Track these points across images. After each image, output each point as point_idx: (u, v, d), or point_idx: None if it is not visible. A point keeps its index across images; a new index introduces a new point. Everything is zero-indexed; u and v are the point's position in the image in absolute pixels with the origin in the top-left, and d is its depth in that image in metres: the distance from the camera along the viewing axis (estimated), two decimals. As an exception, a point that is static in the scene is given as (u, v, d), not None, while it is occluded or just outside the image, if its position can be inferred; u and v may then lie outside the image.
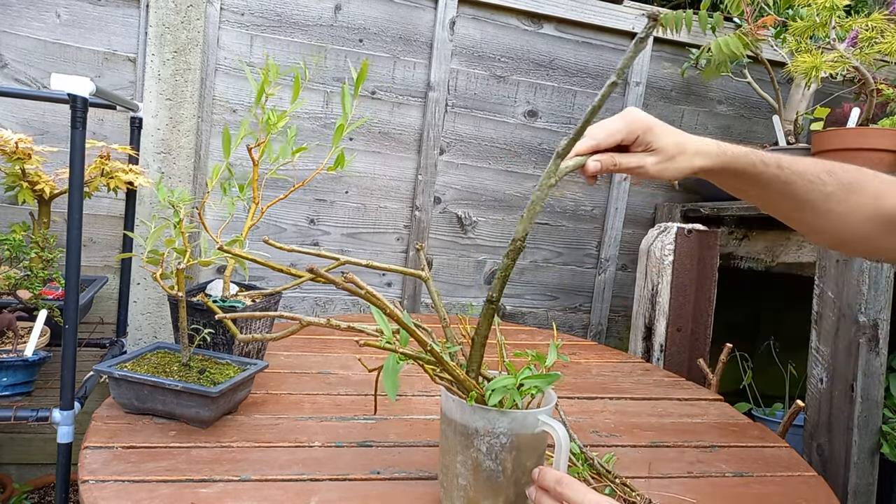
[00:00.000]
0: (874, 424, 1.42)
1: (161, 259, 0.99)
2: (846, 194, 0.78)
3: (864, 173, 0.79)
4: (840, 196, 0.78)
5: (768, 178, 0.79)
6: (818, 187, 0.78)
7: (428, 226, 2.11)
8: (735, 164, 0.80)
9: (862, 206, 0.78)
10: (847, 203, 0.78)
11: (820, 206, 0.79)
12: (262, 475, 0.84)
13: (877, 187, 0.78)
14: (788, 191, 0.79)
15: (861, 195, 0.78)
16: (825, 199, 0.78)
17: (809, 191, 0.78)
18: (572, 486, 0.66)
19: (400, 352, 0.70)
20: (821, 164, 0.79)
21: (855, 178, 0.78)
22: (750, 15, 1.90)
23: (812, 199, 0.78)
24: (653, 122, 0.79)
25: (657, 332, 1.90)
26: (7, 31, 1.71)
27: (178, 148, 1.82)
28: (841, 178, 0.78)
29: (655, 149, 0.79)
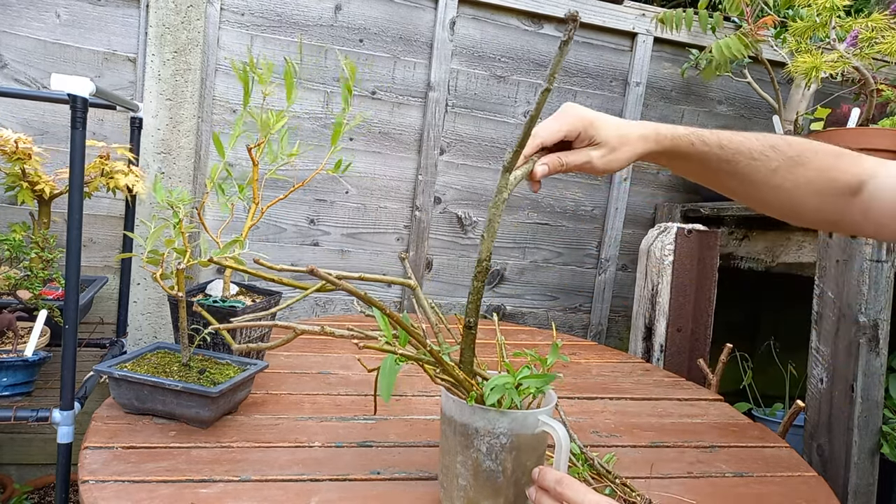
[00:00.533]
0: (874, 425, 1.42)
1: (161, 259, 0.99)
2: (792, 168, 0.78)
3: (810, 147, 0.79)
4: (786, 171, 0.78)
5: (709, 158, 0.80)
6: (763, 163, 0.78)
7: (428, 226, 2.11)
8: (676, 147, 0.80)
9: (810, 180, 0.78)
10: (794, 177, 0.78)
11: (766, 182, 0.79)
12: (262, 475, 0.84)
13: (823, 161, 0.78)
14: (732, 169, 0.79)
15: (808, 168, 0.78)
16: (771, 174, 0.78)
17: (755, 168, 0.78)
18: (572, 487, 0.66)
19: (399, 353, 0.70)
20: (765, 139, 0.79)
21: (801, 152, 0.78)
22: (750, 15, 1.90)
23: (758, 175, 0.79)
24: (593, 115, 0.79)
25: (657, 333, 1.90)
26: (7, 31, 1.71)
27: (179, 148, 1.82)
28: (786, 152, 0.78)
29: (599, 142, 0.79)
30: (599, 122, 0.79)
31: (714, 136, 0.79)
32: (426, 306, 0.85)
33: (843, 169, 0.77)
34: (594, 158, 0.80)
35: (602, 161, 0.80)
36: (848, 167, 0.78)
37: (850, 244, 1.45)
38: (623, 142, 0.79)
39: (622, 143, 0.80)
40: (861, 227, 0.80)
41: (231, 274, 1.26)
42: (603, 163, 0.80)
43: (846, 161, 0.78)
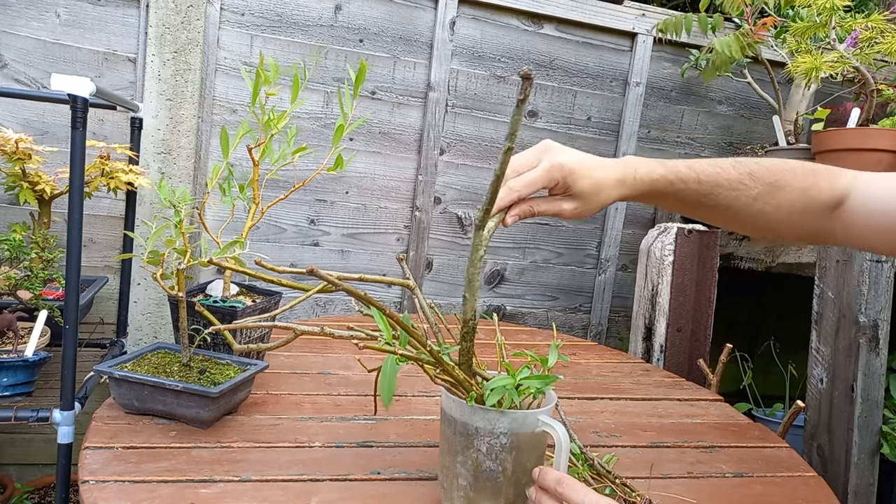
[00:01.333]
0: (874, 425, 1.42)
1: (161, 259, 0.99)
2: (773, 193, 0.78)
3: (788, 169, 0.79)
4: (767, 196, 0.78)
5: (688, 194, 0.80)
6: (743, 192, 0.78)
7: (428, 226, 2.11)
8: (653, 189, 0.80)
9: (791, 201, 0.78)
10: (775, 201, 0.78)
11: (748, 209, 0.79)
12: (263, 475, 0.84)
13: (802, 181, 0.78)
14: (712, 202, 0.79)
15: (788, 191, 0.78)
16: (752, 202, 0.78)
17: (735, 197, 0.78)
18: (572, 487, 0.66)
19: (399, 353, 0.70)
20: (741, 167, 0.79)
21: (779, 176, 0.78)
22: (750, 15, 1.90)
23: (738, 204, 0.79)
24: (574, 163, 0.78)
25: (657, 333, 1.90)
26: (7, 31, 1.71)
27: (179, 148, 1.82)
28: (764, 178, 0.78)
29: (573, 193, 0.79)
30: (579, 172, 0.78)
31: (691, 172, 0.79)
32: (425, 307, 0.85)
33: (822, 186, 0.78)
34: (565, 210, 0.80)
35: (573, 213, 0.80)
36: (827, 183, 0.78)
37: (850, 244, 1.45)
38: (597, 191, 0.79)
39: (596, 192, 0.79)
40: (847, 240, 0.80)
41: (231, 274, 1.26)
42: (573, 215, 0.81)
43: (824, 177, 0.79)
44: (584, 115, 2.19)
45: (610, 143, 2.22)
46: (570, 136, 2.18)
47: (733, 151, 2.35)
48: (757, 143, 2.30)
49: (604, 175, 0.79)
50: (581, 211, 0.80)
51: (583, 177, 0.78)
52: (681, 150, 2.32)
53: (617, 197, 0.80)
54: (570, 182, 0.78)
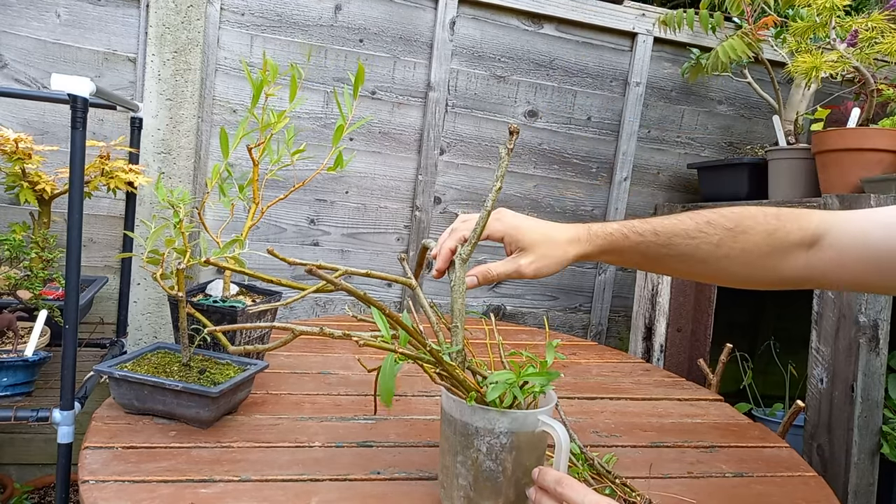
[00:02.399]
0: (874, 425, 1.42)
1: (161, 259, 0.99)
2: (735, 237, 0.77)
3: (748, 214, 0.78)
4: (730, 241, 0.77)
5: (647, 246, 0.80)
6: (704, 240, 0.78)
7: (428, 226, 2.11)
8: (611, 244, 0.81)
9: (757, 244, 0.77)
10: (740, 245, 0.77)
11: (712, 256, 0.78)
12: (263, 475, 0.84)
13: (765, 224, 0.77)
14: (673, 252, 0.79)
15: (752, 234, 0.77)
16: (715, 248, 0.78)
17: (696, 246, 0.78)
18: (572, 487, 0.66)
19: (399, 352, 0.70)
20: (698, 216, 0.79)
21: (738, 221, 0.77)
22: (750, 15, 1.90)
23: (700, 252, 0.78)
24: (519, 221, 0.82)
25: (657, 333, 1.90)
26: (7, 31, 1.71)
27: (179, 148, 1.82)
28: (724, 224, 0.77)
29: (524, 247, 0.81)
30: (524, 228, 0.81)
31: (647, 225, 0.80)
32: (426, 306, 0.85)
33: (788, 228, 0.77)
34: (522, 266, 0.81)
35: (531, 268, 0.81)
36: (794, 225, 0.77)
37: (850, 244, 1.45)
38: (552, 247, 0.81)
39: (551, 248, 0.81)
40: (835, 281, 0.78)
41: (231, 274, 1.25)
42: (532, 269, 0.81)
43: (789, 220, 0.77)
44: (584, 114, 2.19)
45: (610, 143, 2.22)
46: (570, 136, 2.18)
47: (733, 151, 2.35)
48: (757, 143, 2.30)
49: (555, 232, 0.82)
50: (539, 267, 0.81)
51: (530, 230, 0.81)
52: (681, 150, 2.32)
53: (576, 253, 0.82)
54: (519, 237, 0.81)
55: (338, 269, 0.70)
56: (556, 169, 2.19)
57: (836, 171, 1.65)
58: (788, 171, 1.84)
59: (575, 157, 2.20)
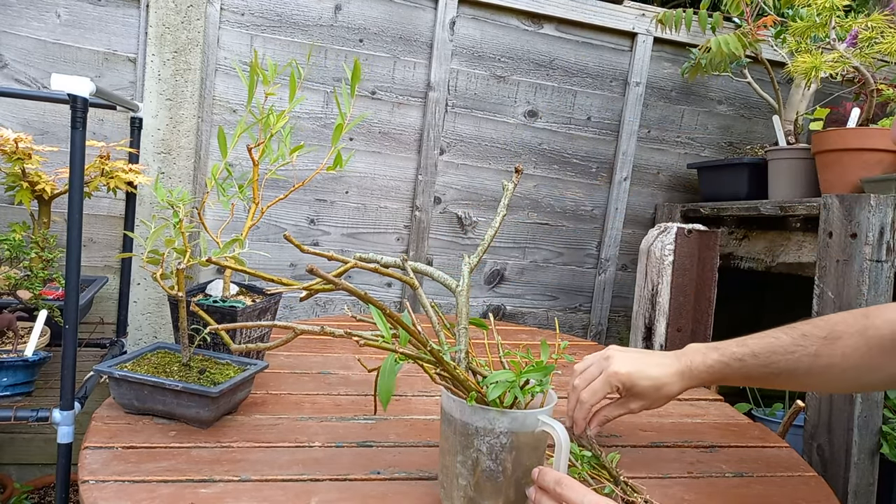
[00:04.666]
0: (874, 424, 1.42)
1: (161, 259, 0.99)
2: (831, 344, 0.79)
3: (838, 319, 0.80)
4: (828, 349, 0.79)
5: (750, 369, 0.83)
6: (802, 352, 0.79)
7: (428, 226, 2.11)
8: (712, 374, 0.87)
9: (855, 347, 0.78)
10: (839, 351, 0.78)
11: (816, 366, 0.79)
12: (262, 475, 0.84)
13: (856, 325, 0.79)
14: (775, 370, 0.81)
15: (846, 338, 0.78)
16: (815, 359, 0.79)
17: (796, 359, 0.79)
18: (572, 487, 0.66)
19: (400, 352, 0.70)
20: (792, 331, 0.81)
21: (831, 328, 0.79)
22: (750, 15, 1.90)
23: (803, 365, 0.79)
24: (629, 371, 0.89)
25: (657, 332, 1.90)
26: (7, 31, 1.71)
27: (179, 148, 1.82)
28: (817, 334, 0.79)
29: (636, 394, 0.90)
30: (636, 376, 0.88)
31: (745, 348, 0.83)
32: (427, 306, 0.85)
33: (878, 325, 0.77)
34: (634, 409, 0.91)
35: (643, 408, 0.91)
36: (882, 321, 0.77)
37: (850, 244, 1.45)
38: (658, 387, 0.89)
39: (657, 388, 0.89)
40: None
41: (231, 274, 1.25)
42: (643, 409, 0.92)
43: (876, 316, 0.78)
44: (583, 114, 2.19)
45: (610, 142, 2.22)
46: (570, 135, 2.18)
47: (733, 151, 2.35)
48: (757, 143, 2.30)
49: (661, 373, 0.89)
50: (649, 405, 0.91)
51: (641, 379, 0.89)
52: (681, 150, 2.32)
53: (680, 389, 0.89)
54: (630, 386, 0.89)
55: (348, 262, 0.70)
56: (556, 169, 2.19)
57: (836, 171, 1.65)
58: (788, 171, 1.84)
59: (575, 157, 2.20)
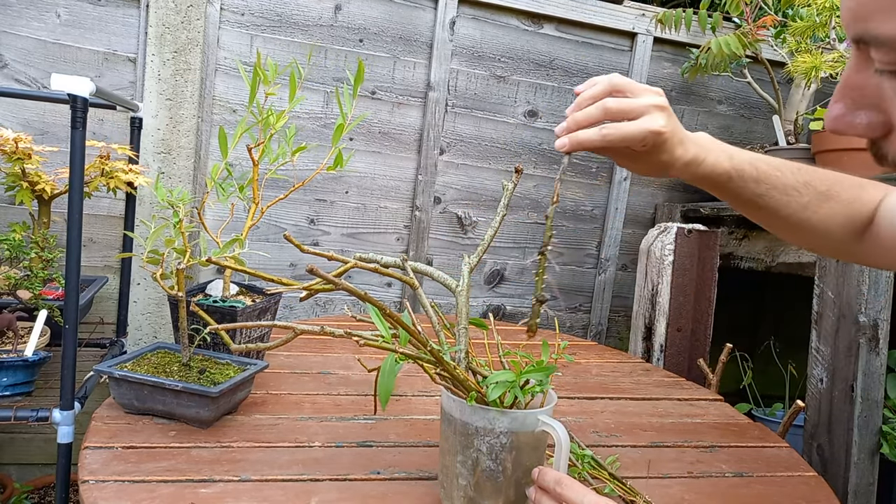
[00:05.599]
0: (874, 424, 1.42)
1: (161, 259, 0.99)
2: (822, 202, 0.78)
3: (837, 179, 0.79)
4: (816, 205, 0.77)
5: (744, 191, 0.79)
6: (795, 199, 0.77)
7: (428, 226, 2.11)
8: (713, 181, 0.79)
9: (836, 213, 0.78)
10: (821, 211, 0.78)
11: (797, 216, 0.78)
12: (262, 475, 0.84)
13: (849, 192, 0.78)
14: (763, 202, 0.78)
15: (835, 202, 0.77)
16: (802, 209, 0.78)
17: (786, 203, 0.78)
18: (572, 487, 0.66)
19: (400, 352, 0.70)
20: (800, 174, 0.78)
21: (829, 186, 0.78)
22: (749, 15, 1.90)
23: (789, 210, 0.78)
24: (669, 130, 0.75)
25: (657, 332, 1.90)
26: (7, 31, 1.71)
27: (179, 148, 1.82)
28: (817, 187, 0.78)
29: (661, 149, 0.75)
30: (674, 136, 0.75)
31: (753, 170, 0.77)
32: (427, 306, 0.85)
33: (864, 200, 0.77)
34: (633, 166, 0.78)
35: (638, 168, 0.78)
36: (868, 197, 0.77)
37: (850, 244, 1.45)
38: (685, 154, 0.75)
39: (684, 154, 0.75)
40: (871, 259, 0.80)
41: (231, 274, 1.25)
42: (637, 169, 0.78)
43: (867, 191, 0.78)
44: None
45: (610, 142, 2.22)
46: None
47: (733, 151, 2.35)
48: (757, 143, 2.30)
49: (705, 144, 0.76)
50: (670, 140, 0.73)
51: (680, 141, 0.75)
52: (681, 150, 2.32)
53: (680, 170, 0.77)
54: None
55: (348, 262, 0.70)
56: (556, 169, 2.19)
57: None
58: (788, 170, 1.83)
59: (575, 156, 2.20)
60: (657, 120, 0.71)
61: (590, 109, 0.72)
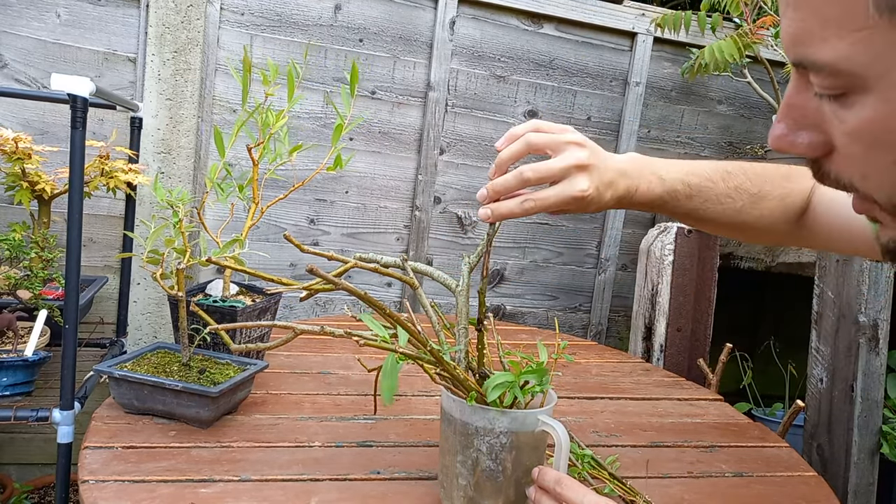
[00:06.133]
0: (874, 424, 1.42)
1: (161, 259, 0.99)
2: (756, 203, 0.79)
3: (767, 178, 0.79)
4: (750, 207, 0.79)
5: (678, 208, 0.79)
6: (729, 206, 0.78)
7: (428, 226, 2.11)
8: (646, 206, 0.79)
9: (772, 210, 0.79)
10: (758, 211, 0.79)
11: (733, 220, 0.80)
12: (262, 475, 0.84)
13: (781, 189, 0.79)
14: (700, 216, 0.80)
15: (769, 200, 0.79)
16: (737, 213, 0.79)
17: (721, 211, 0.79)
18: (572, 487, 0.66)
19: (400, 352, 0.70)
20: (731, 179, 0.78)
21: (761, 187, 0.79)
22: (749, 15, 1.90)
23: (724, 217, 0.79)
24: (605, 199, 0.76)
25: (657, 332, 1.90)
26: (7, 31, 1.71)
27: (179, 148, 1.82)
28: (749, 190, 0.78)
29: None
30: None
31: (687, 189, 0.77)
32: (427, 306, 0.85)
33: (795, 192, 0.79)
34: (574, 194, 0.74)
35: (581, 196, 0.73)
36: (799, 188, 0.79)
37: (849, 244, 1.45)
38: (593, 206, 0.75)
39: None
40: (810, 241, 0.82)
41: (231, 274, 1.25)
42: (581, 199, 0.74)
43: (795, 182, 0.79)
44: (583, 114, 2.19)
45: (610, 142, 2.22)
46: (570, 135, 2.18)
47: (733, 151, 2.35)
48: (757, 143, 2.30)
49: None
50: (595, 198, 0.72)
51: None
52: (681, 150, 2.32)
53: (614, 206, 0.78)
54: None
55: (348, 262, 0.70)
56: (555, 169, 2.19)
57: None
58: (788, 170, 1.84)
59: (575, 156, 2.20)
60: (578, 184, 0.70)
61: (508, 178, 0.71)
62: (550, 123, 0.75)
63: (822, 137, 0.39)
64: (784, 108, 0.41)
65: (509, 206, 0.71)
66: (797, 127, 0.40)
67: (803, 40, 0.36)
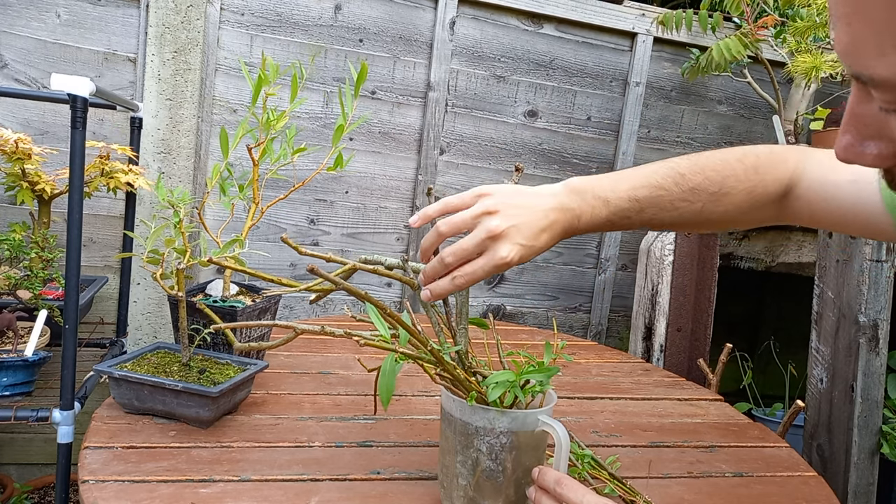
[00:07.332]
0: (874, 424, 1.42)
1: (161, 259, 0.99)
2: (717, 201, 0.77)
3: (733, 171, 0.77)
4: (712, 206, 0.77)
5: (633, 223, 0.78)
6: (687, 208, 0.76)
7: (428, 226, 2.10)
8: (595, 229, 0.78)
9: (738, 203, 0.77)
10: (722, 207, 0.77)
11: (695, 219, 0.78)
12: (262, 475, 0.84)
13: (747, 182, 0.77)
14: (658, 223, 0.78)
15: (734, 195, 0.77)
16: (698, 213, 0.77)
17: (678, 215, 0.77)
18: (572, 488, 0.66)
19: (400, 352, 0.70)
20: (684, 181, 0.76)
21: (721, 184, 0.76)
22: (750, 15, 1.90)
23: (683, 219, 0.77)
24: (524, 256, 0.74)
25: (657, 332, 1.90)
26: (7, 31, 1.71)
27: (179, 148, 1.82)
28: (708, 189, 0.76)
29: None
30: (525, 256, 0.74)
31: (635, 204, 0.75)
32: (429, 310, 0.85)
33: (767, 182, 0.77)
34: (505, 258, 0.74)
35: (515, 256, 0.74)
36: (772, 177, 0.77)
37: (850, 244, 1.45)
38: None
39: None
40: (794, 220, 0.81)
41: (231, 274, 1.25)
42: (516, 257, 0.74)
43: (768, 172, 0.77)
44: (583, 114, 2.19)
45: (610, 142, 2.22)
46: (570, 135, 2.18)
47: (733, 151, 2.35)
48: (757, 143, 2.30)
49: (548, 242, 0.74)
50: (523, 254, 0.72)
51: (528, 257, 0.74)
52: (681, 150, 2.32)
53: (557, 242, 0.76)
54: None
55: (347, 263, 0.70)
56: (556, 169, 2.19)
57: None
58: (788, 170, 1.83)
59: (575, 157, 2.20)
60: (498, 252, 0.70)
61: (435, 266, 0.73)
62: (460, 196, 0.76)
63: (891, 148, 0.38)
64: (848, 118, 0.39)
65: (442, 285, 0.72)
66: (863, 137, 0.39)
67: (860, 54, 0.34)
